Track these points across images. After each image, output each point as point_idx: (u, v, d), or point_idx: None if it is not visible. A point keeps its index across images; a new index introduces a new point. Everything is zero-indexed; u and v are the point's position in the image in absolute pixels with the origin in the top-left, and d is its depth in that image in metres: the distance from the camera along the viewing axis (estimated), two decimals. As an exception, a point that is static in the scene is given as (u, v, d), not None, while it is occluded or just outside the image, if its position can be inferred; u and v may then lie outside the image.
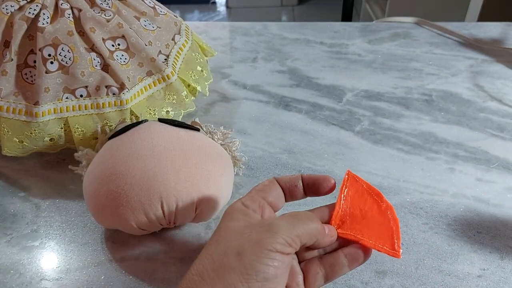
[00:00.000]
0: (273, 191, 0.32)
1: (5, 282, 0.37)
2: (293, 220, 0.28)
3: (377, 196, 0.33)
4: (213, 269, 0.26)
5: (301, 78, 0.67)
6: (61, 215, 0.43)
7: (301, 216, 0.29)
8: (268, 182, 0.33)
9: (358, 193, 0.33)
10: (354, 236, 0.31)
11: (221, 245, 0.28)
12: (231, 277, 0.25)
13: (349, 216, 0.32)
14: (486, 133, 0.54)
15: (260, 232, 0.27)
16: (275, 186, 0.32)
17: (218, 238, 0.28)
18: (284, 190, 0.33)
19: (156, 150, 0.38)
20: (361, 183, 0.33)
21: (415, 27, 0.84)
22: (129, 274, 0.37)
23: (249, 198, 0.31)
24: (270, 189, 0.32)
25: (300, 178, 0.33)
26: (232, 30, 0.84)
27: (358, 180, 0.33)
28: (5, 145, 0.46)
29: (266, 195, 0.31)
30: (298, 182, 0.33)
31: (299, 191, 0.33)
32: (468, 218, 0.42)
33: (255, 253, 0.26)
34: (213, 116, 0.58)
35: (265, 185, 0.32)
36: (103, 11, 0.47)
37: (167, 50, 0.52)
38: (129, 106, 0.47)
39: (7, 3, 0.44)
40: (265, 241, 0.26)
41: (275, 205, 0.32)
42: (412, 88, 0.64)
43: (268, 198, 0.31)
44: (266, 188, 0.32)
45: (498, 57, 0.72)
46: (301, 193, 0.33)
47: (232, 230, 0.28)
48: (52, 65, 0.44)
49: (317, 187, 0.32)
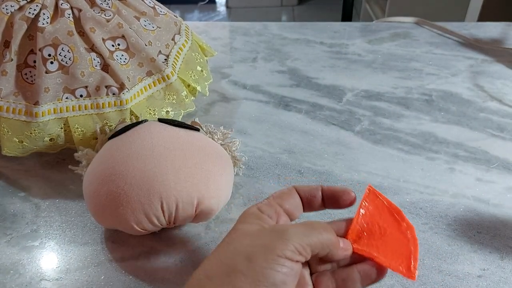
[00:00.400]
0: (290, 199, 0.31)
1: (4, 282, 0.37)
2: (306, 228, 0.28)
3: (398, 214, 0.32)
4: (222, 271, 0.26)
5: (301, 78, 0.67)
6: (61, 215, 0.43)
7: (315, 225, 0.29)
8: (287, 190, 0.32)
9: (378, 210, 0.32)
10: (369, 253, 0.30)
11: (231, 247, 0.27)
12: (240, 281, 0.25)
13: (366, 232, 0.31)
14: (486, 133, 0.54)
15: (272, 238, 0.27)
16: (294, 195, 0.32)
17: (229, 240, 0.28)
18: (302, 199, 0.32)
19: (156, 150, 0.38)
20: (382, 199, 0.32)
21: (415, 27, 0.84)
22: (129, 274, 0.37)
23: (265, 204, 0.31)
24: (288, 197, 0.31)
25: (319, 189, 0.32)
26: (232, 30, 0.84)
27: (379, 196, 0.32)
28: (5, 145, 0.46)
29: (283, 202, 0.31)
30: (317, 192, 0.32)
31: (317, 202, 0.32)
32: (468, 218, 0.42)
33: (265, 258, 0.26)
34: (213, 116, 0.58)
35: (283, 192, 0.32)
36: (103, 11, 0.47)
37: (167, 50, 0.52)
38: (129, 106, 0.47)
39: (7, 3, 0.44)
40: (276, 247, 0.26)
41: (291, 213, 0.31)
42: (412, 88, 0.64)
43: (285, 205, 0.31)
44: (284, 195, 0.32)
45: (498, 57, 0.72)
46: (320, 204, 0.32)
47: (244, 233, 0.28)
48: (52, 65, 0.44)
49: (337, 200, 0.32)
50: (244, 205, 0.44)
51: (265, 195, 0.45)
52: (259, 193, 0.46)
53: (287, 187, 0.32)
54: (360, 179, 0.47)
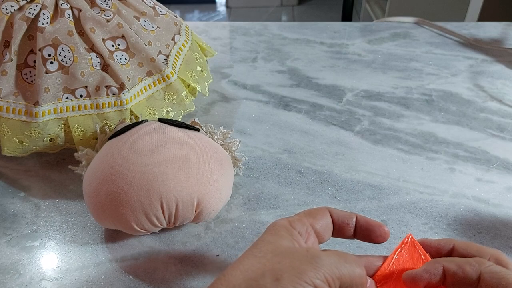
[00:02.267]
0: (322, 220, 0.30)
1: (4, 282, 0.37)
2: (339, 259, 0.26)
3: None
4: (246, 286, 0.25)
5: (301, 78, 0.67)
6: (61, 215, 0.43)
7: (348, 258, 0.27)
8: (320, 210, 0.30)
9: (412, 260, 0.30)
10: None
11: (260, 262, 0.26)
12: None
13: (394, 278, 0.30)
14: (486, 133, 0.54)
15: (303, 261, 0.26)
16: (326, 216, 0.30)
17: (257, 252, 0.27)
18: (334, 224, 0.31)
19: (156, 150, 0.38)
20: (419, 250, 0.31)
21: (415, 27, 0.84)
22: (129, 274, 0.37)
23: (297, 219, 0.29)
24: (320, 217, 0.30)
25: (354, 217, 0.31)
26: (232, 30, 0.84)
27: (416, 247, 0.31)
28: (5, 145, 0.46)
29: (314, 222, 0.30)
30: (351, 220, 0.31)
31: (349, 230, 0.31)
32: (468, 218, 0.42)
33: (292, 281, 0.24)
34: (213, 116, 0.58)
35: (317, 212, 0.30)
36: (103, 11, 0.47)
37: (167, 50, 0.52)
38: (129, 106, 0.47)
39: (7, 3, 0.44)
40: (306, 272, 0.25)
41: (321, 235, 0.30)
42: (412, 88, 0.64)
43: (316, 225, 0.30)
44: (317, 215, 0.30)
45: (498, 57, 0.72)
46: (351, 233, 0.31)
47: (274, 247, 0.27)
48: (52, 65, 0.44)
49: (369, 233, 0.30)
50: (244, 205, 0.44)
51: (265, 195, 0.45)
52: (259, 193, 0.46)
53: (320, 206, 0.31)
54: (360, 179, 0.47)
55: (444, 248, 0.30)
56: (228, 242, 0.40)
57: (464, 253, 0.29)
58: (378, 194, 0.45)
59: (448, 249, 0.30)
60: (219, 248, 0.40)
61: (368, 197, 0.45)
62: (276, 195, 0.45)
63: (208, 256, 0.39)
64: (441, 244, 0.30)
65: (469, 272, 0.27)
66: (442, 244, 0.30)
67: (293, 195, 0.45)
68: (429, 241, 0.31)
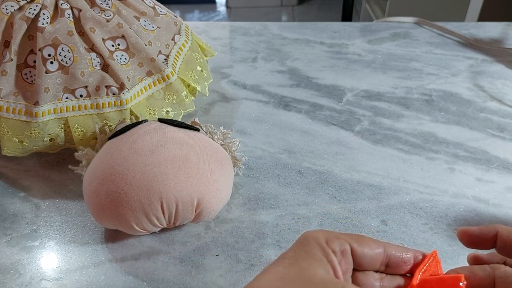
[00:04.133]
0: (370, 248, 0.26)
1: (4, 282, 0.37)
2: None
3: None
4: None
5: (301, 78, 0.67)
6: (61, 215, 0.43)
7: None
8: (376, 242, 0.26)
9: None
10: None
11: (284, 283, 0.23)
12: None
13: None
14: (486, 133, 0.54)
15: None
16: (378, 246, 0.26)
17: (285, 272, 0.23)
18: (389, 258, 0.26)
19: (156, 150, 0.38)
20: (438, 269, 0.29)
21: (415, 27, 0.84)
22: (129, 274, 0.37)
23: (335, 236, 0.26)
24: (368, 242, 0.26)
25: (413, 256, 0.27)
26: (232, 30, 0.84)
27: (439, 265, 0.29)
28: (5, 145, 0.46)
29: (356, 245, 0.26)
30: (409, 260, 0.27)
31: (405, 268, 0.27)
32: (468, 218, 0.42)
33: None
34: (213, 116, 0.58)
35: (366, 237, 0.27)
36: (103, 11, 0.47)
37: (167, 50, 0.52)
38: (129, 106, 0.47)
39: (7, 3, 0.44)
40: None
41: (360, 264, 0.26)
42: (412, 88, 0.64)
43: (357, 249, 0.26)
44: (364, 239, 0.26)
45: (498, 57, 0.72)
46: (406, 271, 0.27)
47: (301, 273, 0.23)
48: (52, 65, 0.44)
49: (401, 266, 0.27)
50: (244, 205, 0.44)
51: (265, 195, 0.45)
52: (259, 193, 0.46)
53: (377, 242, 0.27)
54: (360, 179, 0.47)
55: (488, 235, 0.28)
56: (228, 242, 0.40)
57: (508, 239, 0.28)
58: (378, 194, 0.45)
59: (492, 235, 0.28)
60: (219, 248, 0.40)
61: (368, 197, 0.45)
62: (276, 195, 0.45)
63: (208, 256, 0.39)
64: (484, 232, 0.28)
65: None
66: (486, 231, 0.28)
67: (293, 195, 0.45)
68: (471, 229, 0.29)
